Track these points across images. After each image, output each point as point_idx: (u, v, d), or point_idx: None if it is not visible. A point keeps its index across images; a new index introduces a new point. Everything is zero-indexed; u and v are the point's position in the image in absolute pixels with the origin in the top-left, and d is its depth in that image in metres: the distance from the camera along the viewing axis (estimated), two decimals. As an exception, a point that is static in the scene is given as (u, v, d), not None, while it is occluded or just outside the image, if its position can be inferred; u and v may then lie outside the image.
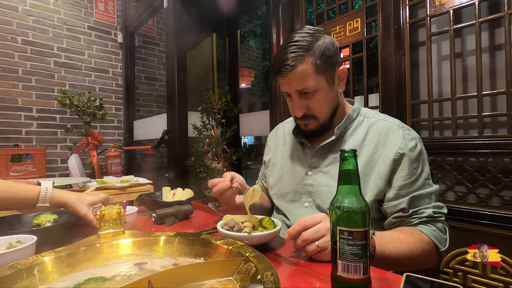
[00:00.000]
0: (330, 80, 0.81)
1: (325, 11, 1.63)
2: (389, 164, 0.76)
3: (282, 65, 0.78)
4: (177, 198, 1.16)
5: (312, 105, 0.82)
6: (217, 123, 1.84)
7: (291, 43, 0.78)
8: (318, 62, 0.77)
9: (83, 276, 0.54)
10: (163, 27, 3.44)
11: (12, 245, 0.62)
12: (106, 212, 0.66)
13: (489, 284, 1.05)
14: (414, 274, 0.46)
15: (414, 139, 0.78)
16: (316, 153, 0.88)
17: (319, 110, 0.82)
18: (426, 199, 0.75)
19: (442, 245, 0.73)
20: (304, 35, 0.78)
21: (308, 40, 0.78)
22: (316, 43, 0.78)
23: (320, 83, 0.79)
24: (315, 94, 0.80)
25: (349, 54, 1.51)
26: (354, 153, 0.48)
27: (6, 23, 2.50)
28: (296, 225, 0.63)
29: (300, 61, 0.76)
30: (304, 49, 0.77)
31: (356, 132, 0.85)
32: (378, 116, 0.87)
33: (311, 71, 0.77)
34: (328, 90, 0.81)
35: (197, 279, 0.49)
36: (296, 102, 0.83)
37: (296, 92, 0.81)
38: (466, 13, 1.15)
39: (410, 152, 0.75)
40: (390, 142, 0.78)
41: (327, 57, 0.78)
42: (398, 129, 0.80)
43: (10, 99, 2.51)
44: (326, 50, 0.78)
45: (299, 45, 0.77)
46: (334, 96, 0.84)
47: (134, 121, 3.19)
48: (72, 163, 1.87)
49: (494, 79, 1.12)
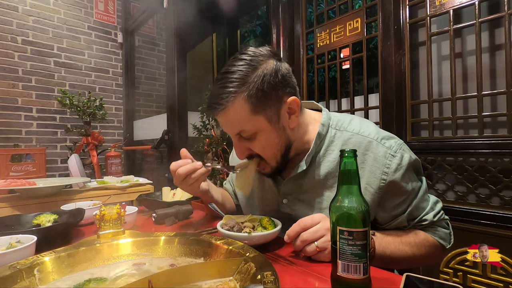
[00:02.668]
0: (274, 117, 0.67)
1: (325, 11, 1.63)
2: (375, 193, 0.66)
3: (212, 103, 0.66)
4: (177, 198, 1.16)
5: (255, 148, 0.69)
6: (217, 123, 1.84)
7: (223, 75, 0.65)
8: (254, 100, 0.63)
9: (83, 276, 0.54)
10: (163, 27, 3.43)
11: (12, 245, 0.62)
12: (106, 212, 0.66)
13: (489, 284, 1.05)
14: (414, 274, 0.46)
15: (398, 151, 0.67)
16: (287, 183, 0.75)
17: (263, 153, 0.70)
18: (422, 205, 0.70)
19: (447, 242, 0.72)
20: (241, 64, 0.64)
21: (243, 71, 0.63)
22: (252, 75, 0.63)
23: (258, 124, 0.66)
24: (256, 136, 0.67)
25: (349, 54, 1.51)
26: (354, 153, 0.48)
27: (6, 23, 2.50)
28: (295, 226, 0.62)
29: (232, 100, 0.63)
30: (237, 84, 0.63)
31: (329, 151, 0.72)
32: (351, 128, 0.73)
33: (246, 111, 0.64)
34: (271, 130, 0.67)
35: (197, 279, 0.49)
36: (235, 146, 0.72)
37: (234, 135, 0.70)
38: (466, 13, 1.15)
39: (396, 173, 0.65)
40: (371, 164, 0.67)
41: (266, 92, 0.64)
42: (377, 146, 0.68)
43: (10, 99, 2.52)
44: (265, 83, 0.63)
45: (231, 78, 0.63)
46: (280, 135, 0.69)
47: (134, 121, 3.19)
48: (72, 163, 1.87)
49: (494, 79, 1.12)
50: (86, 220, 0.90)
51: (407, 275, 0.46)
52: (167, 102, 2.51)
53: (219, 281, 0.49)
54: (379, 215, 0.70)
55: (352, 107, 1.54)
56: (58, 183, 1.38)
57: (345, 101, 1.63)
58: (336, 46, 1.57)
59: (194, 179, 0.74)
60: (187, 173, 0.73)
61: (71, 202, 1.14)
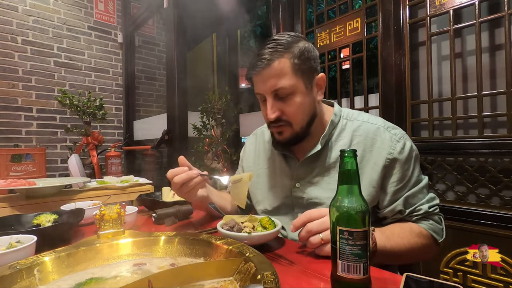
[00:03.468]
0: (308, 84, 0.75)
1: (325, 11, 1.63)
2: (380, 171, 0.73)
3: (258, 59, 0.73)
4: (177, 198, 1.15)
5: (287, 109, 0.75)
6: (217, 123, 1.84)
7: (269, 41, 0.74)
8: (297, 61, 0.72)
9: (84, 276, 0.54)
10: (163, 27, 3.43)
11: (12, 245, 0.62)
12: (106, 212, 0.66)
13: (489, 284, 1.05)
14: (414, 274, 0.46)
15: (402, 138, 0.75)
16: (302, 165, 0.82)
17: (294, 115, 0.75)
18: (420, 195, 0.75)
19: (440, 236, 0.74)
20: (285, 36, 0.75)
21: (288, 40, 0.73)
22: (296, 44, 0.73)
23: (297, 85, 0.73)
24: (291, 97, 0.74)
25: (349, 54, 1.51)
26: (354, 153, 0.48)
27: (6, 23, 2.50)
28: (302, 216, 0.64)
29: (278, 57, 0.71)
30: (284, 46, 0.72)
31: (341, 137, 0.80)
32: (361, 117, 0.82)
33: (288, 69, 0.72)
34: (306, 95, 0.75)
35: (197, 279, 0.48)
36: (270, 104, 0.75)
37: (271, 93, 0.74)
38: (466, 13, 1.15)
39: (399, 155, 0.73)
40: (378, 146, 0.75)
41: (306, 59, 0.73)
42: (384, 131, 0.76)
43: (10, 99, 2.51)
44: (306, 52, 0.73)
45: (278, 42, 0.73)
46: (311, 103, 0.77)
47: (134, 121, 3.19)
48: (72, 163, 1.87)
49: (494, 79, 1.12)
50: (86, 220, 0.90)
51: (407, 275, 0.46)
52: (167, 102, 2.50)
53: (219, 281, 0.49)
54: (380, 197, 0.75)
55: (352, 107, 1.54)
56: (58, 183, 1.38)
57: (345, 101, 1.63)
58: (336, 46, 1.57)
59: (190, 188, 0.77)
60: (183, 182, 0.75)
61: (71, 202, 1.14)
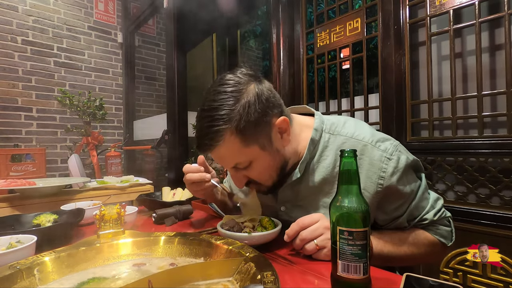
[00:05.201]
0: (267, 143, 0.66)
1: (325, 11, 1.63)
2: (372, 198, 0.66)
3: (201, 143, 0.65)
4: (177, 198, 1.16)
5: (251, 175, 0.70)
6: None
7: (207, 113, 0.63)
8: (243, 132, 0.62)
9: (85, 276, 0.54)
10: (163, 27, 3.43)
11: (12, 245, 0.62)
12: (106, 212, 0.66)
13: (489, 284, 1.05)
14: (414, 274, 0.46)
15: (394, 154, 0.66)
16: (284, 190, 0.75)
17: (260, 178, 0.70)
18: (423, 204, 0.69)
19: (449, 240, 0.71)
20: (223, 97, 0.62)
21: (227, 105, 0.61)
22: (237, 108, 0.61)
23: (252, 154, 0.65)
24: (251, 164, 0.67)
25: (349, 54, 1.51)
26: (354, 153, 0.48)
27: (6, 23, 2.50)
28: (294, 225, 0.62)
29: (221, 138, 0.62)
30: (224, 121, 0.61)
31: (324, 157, 0.71)
32: (346, 131, 0.71)
33: (236, 145, 0.63)
34: (266, 155, 0.67)
35: (197, 279, 0.49)
36: (232, 177, 0.72)
37: (230, 168, 0.70)
38: (466, 13, 1.15)
39: (392, 177, 0.64)
40: (367, 169, 0.66)
41: (253, 122, 0.62)
42: (373, 149, 0.66)
43: (10, 99, 2.51)
44: (251, 112, 0.61)
45: (216, 116, 0.61)
46: (275, 158, 0.69)
47: (134, 121, 3.19)
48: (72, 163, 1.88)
49: (494, 79, 1.12)
50: (86, 220, 0.90)
51: (407, 275, 0.46)
52: (167, 102, 2.50)
53: (219, 281, 0.49)
54: (378, 217, 0.70)
55: (352, 107, 1.54)
56: (58, 183, 1.38)
57: (345, 101, 1.63)
58: (336, 46, 1.57)
59: (199, 187, 0.79)
60: (194, 181, 0.78)
61: (71, 202, 1.14)
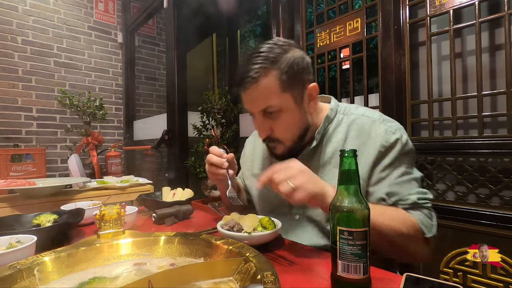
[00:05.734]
0: (298, 98, 0.73)
1: (325, 11, 1.63)
2: (371, 162, 0.71)
3: (243, 77, 0.69)
4: (177, 198, 1.16)
5: (276, 127, 0.74)
6: (217, 123, 1.84)
7: (255, 54, 0.70)
8: (285, 77, 0.69)
9: (86, 276, 0.54)
10: (163, 27, 3.43)
11: (12, 245, 0.62)
12: (106, 212, 0.66)
13: (489, 284, 1.05)
14: (414, 274, 0.46)
15: (398, 130, 0.73)
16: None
17: (283, 133, 0.74)
18: (408, 185, 0.70)
19: (428, 231, 0.67)
20: (272, 46, 0.70)
21: (275, 52, 0.69)
22: (283, 56, 0.69)
23: (285, 102, 0.71)
24: (280, 114, 0.72)
25: (349, 54, 1.51)
26: (354, 153, 0.48)
27: (6, 23, 2.50)
28: (267, 171, 0.62)
29: (265, 75, 0.68)
30: (270, 61, 0.68)
31: (337, 132, 0.78)
32: (358, 111, 0.80)
33: (276, 87, 0.69)
34: (295, 110, 0.73)
35: (197, 279, 0.49)
36: (259, 123, 0.74)
37: (259, 112, 0.73)
38: (466, 13, 1.15)
39: (392, 145, 0.71)
40: (372, 139, 0.73)
41: (295, 73, 0.70)
42: (380, 124, 0.74)
43: (10, 99, 2.51)
44: (295, 64, 0.70)
45: (264, 56, 0.69)
46: (302, 117, 0.75)
47: (134, 121, 3.19)
48: (72, 163, 1.88)
49: (494, 79, 1.12)
50: (86, 220, 0.90)
51: (407, 275, 0.46)
52: (167, 102, 2.50)
53: (219, 281, 0.49)
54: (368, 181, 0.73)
55: (352, 107, 1.53)
56: (58, 183, 1.38)
57: (345, 101, 1.63)
58: (336, 46, 1.57)
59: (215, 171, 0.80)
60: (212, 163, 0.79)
61: (71, 202, 1.14)
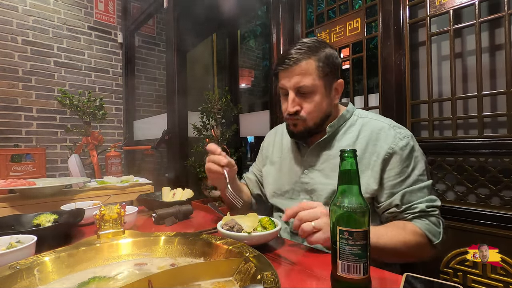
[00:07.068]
0: (328, 87, 0.84)
1: (325, 11, 1.63)
2: (380, 164, 0.77)
3: (286, 57, 0.81)
4: (177, 198, 1.16)
5: (305, 105, 0.83)
6: (217, 123, 1.84)
7: (299, 43, 0.83)
8: (321, 65, 0.80)
9: (86, 276, 0.54)
10: (163, 27, 3.43)
11: (12, 245, 0.62)
12: (106, 212, 0.66)
13: (489, 284, 1.05)
14: (414, 274, 0.46)
15: (406, 137, 0.79)
16: (310, 152, 0.90)
17: (310, 112, 0.84)
18: (419, 194, 0.75)
19: (436, 238, 0.73)
20: (314, 40, 0.84)
21: (316, 45, 0.82)
22: (323, 49, 0.82)
23: (318, 86, 0.81)
24: (311, 95, 0.82)
25: (349, 54, 1.51)
26: (354, 153, 0.48)
27: (6, 23, 2.50)
28: (294, 207, 0.68)
29: (305, 58, 0.80)
30: (311, 50, 0.81)
31: (349, 131, 0.87)
32: (371, 116, 0.89)
33: (313, 70, 0.80)
34: (324, 96, 0.83)
35: (197, 279, 0.49)
36: (291, 98, 0.84)
37: (294, 89, 0.83)
38: (466, 13, 1.15)
39: (400, 150, 0.77)
40: (382, 141, 0.79)
41: (330, 64, 0.81)
42: (390, 129, 0.81)
43: (10, 99, 2.51)
44: (330, 57, 0.82)
45: (306, 45, 0.81)
46: (328, 104, 0.85)
47: (134, 121, 3.18)
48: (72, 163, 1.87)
49: (494, 79, 1.12)
50: (86, 220, 0.90)
51: (407, 275, 0.46)
52: (167, 102, 2.50)
53: (219, 281, 0.49)
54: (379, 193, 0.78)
55: (352, 107, 1.53)
56: (58, 183, 1.38)
57: (345, 101, 1.63)
58: (336, 46, 1.56)
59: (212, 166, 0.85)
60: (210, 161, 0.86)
61: (71, 202, 1.14)
